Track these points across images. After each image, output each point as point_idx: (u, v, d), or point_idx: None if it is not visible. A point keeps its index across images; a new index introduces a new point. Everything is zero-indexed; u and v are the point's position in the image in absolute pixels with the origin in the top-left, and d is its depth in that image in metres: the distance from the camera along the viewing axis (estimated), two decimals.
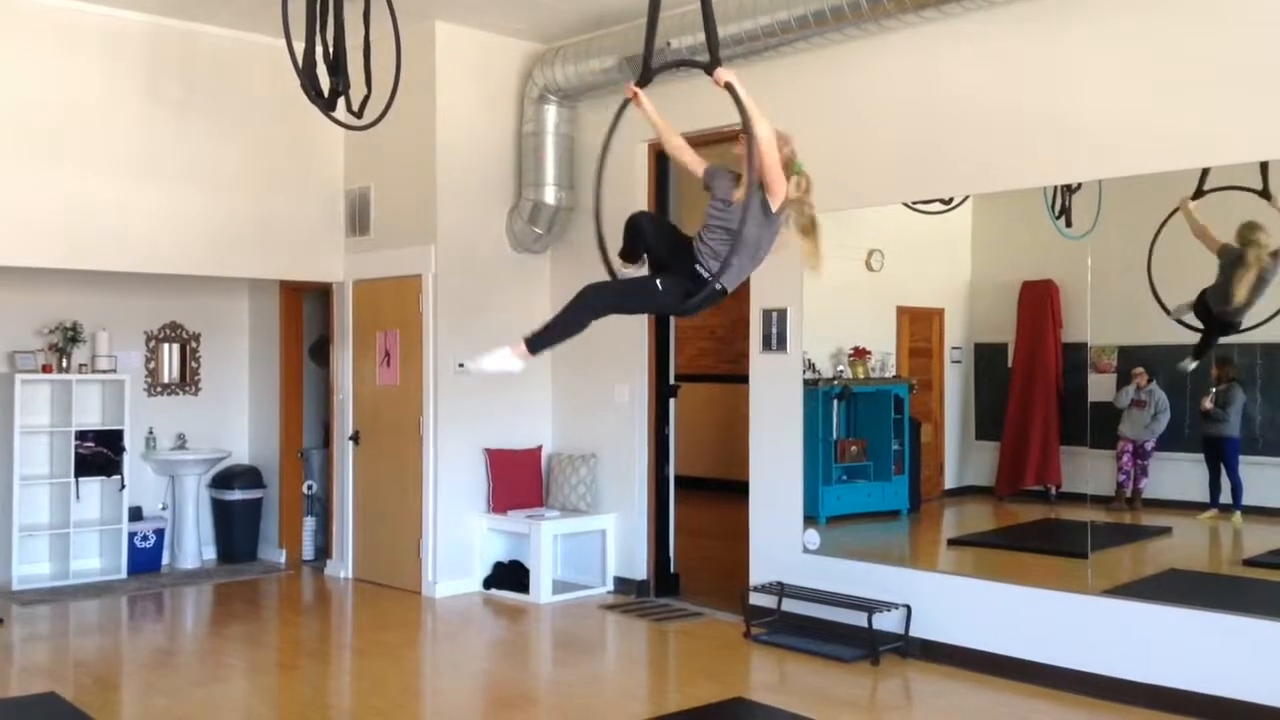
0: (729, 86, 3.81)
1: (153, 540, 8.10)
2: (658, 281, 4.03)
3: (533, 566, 7.22)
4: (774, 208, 3.92)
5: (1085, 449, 5.69)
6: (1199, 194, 5.07)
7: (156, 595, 7.51)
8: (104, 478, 7.81)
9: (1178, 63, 5.01)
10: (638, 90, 4.12)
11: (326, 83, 5.43)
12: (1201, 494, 5.50)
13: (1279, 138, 4.72)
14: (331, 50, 5.40)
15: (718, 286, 3.93)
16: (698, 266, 3.95)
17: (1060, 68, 5.39)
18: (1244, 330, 5.21)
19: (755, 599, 6.43)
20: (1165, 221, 5.23)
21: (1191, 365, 5.37)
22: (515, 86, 7.58)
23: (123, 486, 7.79)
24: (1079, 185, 5.46)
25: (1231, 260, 5.14)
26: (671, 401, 7.46)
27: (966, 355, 6.59)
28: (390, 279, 7.59)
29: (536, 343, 4.04)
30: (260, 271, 7.70)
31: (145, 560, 8.02)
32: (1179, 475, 5.67)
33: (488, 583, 7.46)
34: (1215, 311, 5.25)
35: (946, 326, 6.67)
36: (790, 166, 3.95)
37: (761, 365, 6.62)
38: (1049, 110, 5.42)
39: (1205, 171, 5.03)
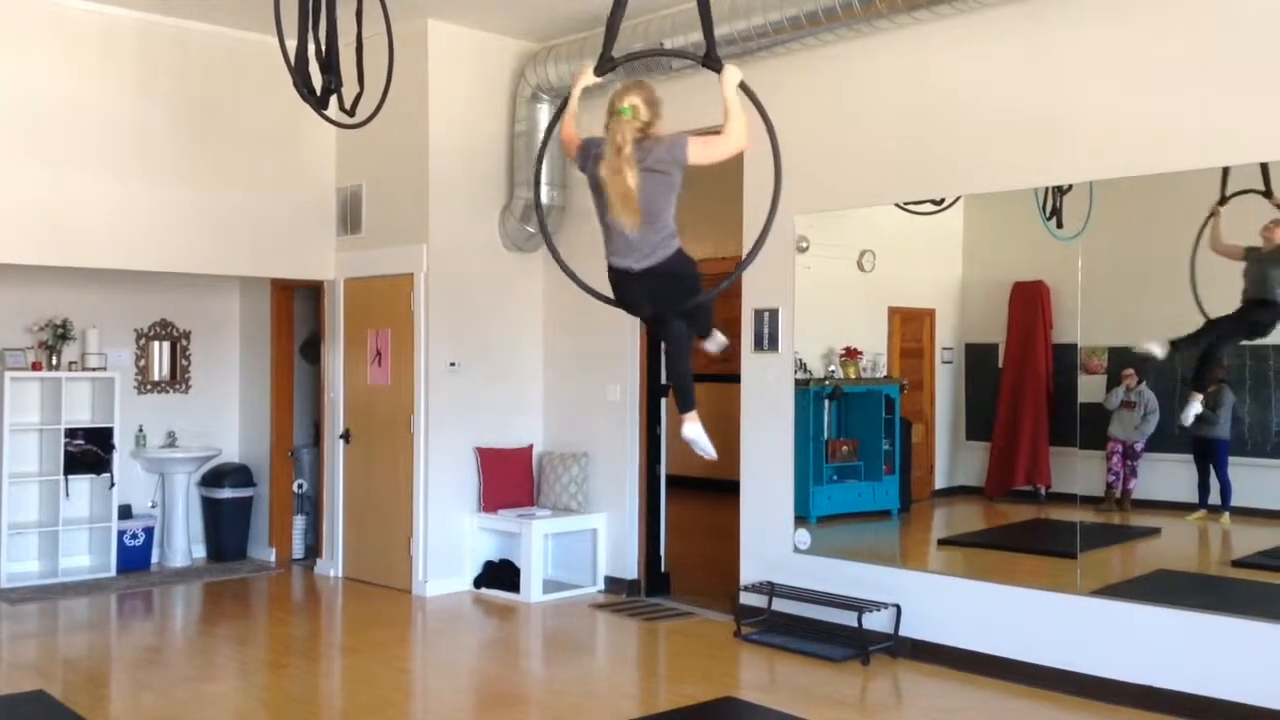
0: (743, 86, 3.63)
1: (142, 538, 8.08)
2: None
3: (523, 566, 7.21)
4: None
5: (1075, 449, 5.71)
6: (1224, 200, 5.05)
7: (146, 593, 7.49)
8: (93, 475, 7.79)
9: (1168, 64, 5.03)
10: (587, 68, 3.94)
11: (319, 81, 5.42)
12: (1190, 495, 5.52)
13: (1272, 138, 4.74)
14: (324, 48, 5.40)
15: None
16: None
17: (1051, 69, 5.40)
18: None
19: (746, 598, 6.44)
20: (1204, 225, 5.15)
21: (1160, 352, 5.32)
22: (508, 85, 7.57)
23: (112, 484, 7.77)
24: (1070, 186, 5.47)
25: (1260, 259, 5.12)
26: (663, 401, 7.46)
27: (957, 356, 6.60)
28: (382, 277, 7.58)
29: (685, 405, 4.05)
30: (252, 269, 7.68)
31: (135, 558, 8.00)
32: (1168, 476, 5.69)
33: (478, 582, 7.45)
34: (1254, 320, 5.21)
35: (938, 327, 6.68)
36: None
37: (753, 365, 6.62)
38: (1040, 111, 5.43)
39: (1226, 173, 4.98)
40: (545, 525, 7.26)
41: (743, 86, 3.63)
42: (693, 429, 4.02)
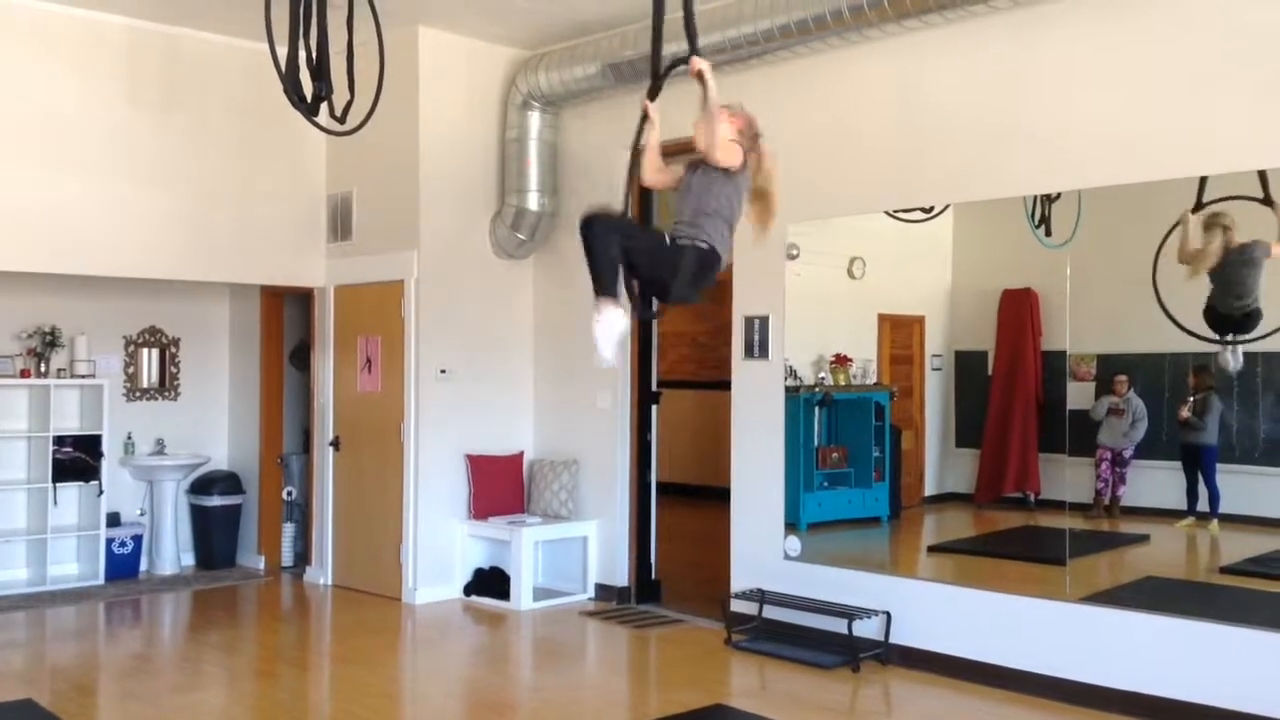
0: (699, 75, 3.81)
1: (130, 546, 8.05)
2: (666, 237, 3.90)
3: (513, 573, 7.20)
4: (730, 166, 3.87)
5: (1064, 456, 5.73)
6: (1199, 206, 5.09)
7: (134, 601, 7.46)
8: (82, 483, 7.75)
9: (1157, 73, 5.05)
10: (649, 105, 3.97)
11: (309, 87, 5.42)
12: (1179, 502, 5.54)
13: (1260, 146, 4.77)
14: (315, 55, 5.40)
15: (702, 244, 3.80)
16: (680, 240, 3.83)
17: (1040, 78, 5.43)
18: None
19: (736, 605, 6.43)
20: (1169, 233, 5.20)
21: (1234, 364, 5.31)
22: (499, 92, 7.58)
23: (101, 492, 7.74)
24: (1058, 194, 5.50)
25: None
26: (653, 408, 7.47)
27: (947, 363, 6.62)
28: (372, 284, 7.57)
29: (603, 289, 3.85)
30: (241, 276, 7.67)
31: (123, 566, 7.97)
32: (1157, 483, 5.71)
33: (468, 589, 7.44)
34: (1225, 313, 5.24)
35: (927, 334, 6.71)
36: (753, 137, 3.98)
37: (743, 372, 6.63)
38: (1029, 120, 5.46)
39: (1203, 182, 5.02)
40: (535, 532, 7.25)
41: (700, 75, 3.81)
42: (608, 327, 3.91)
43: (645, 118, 3.95)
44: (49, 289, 7.69)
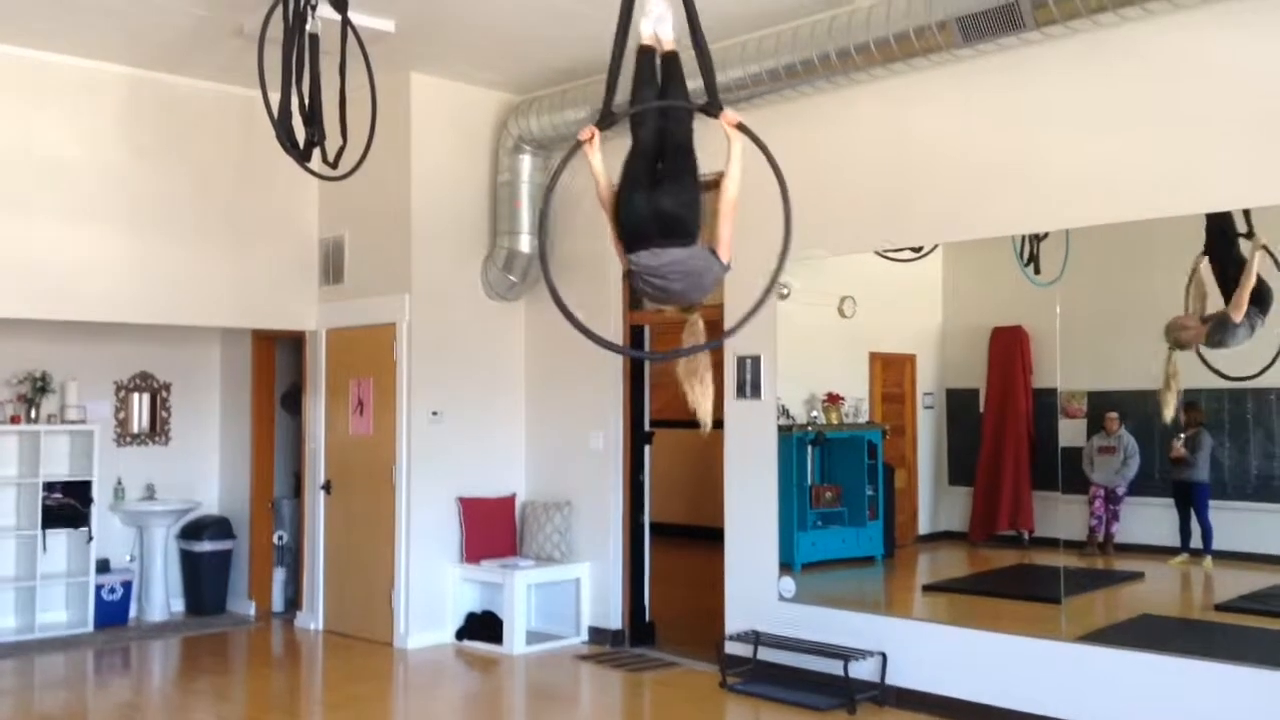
0: (741, 126, 3.81)
1: (120, 592, 7.98)
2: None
3: (506, 617, 7.15)
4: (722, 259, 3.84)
5: (1057, 494, 5.73)
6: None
7: (124, 649, 7.38)
8: (71, 529, 7.70)
9: (1141, 113, 5.11)
10: (595, 132, 3.91)
11: (302, 134, 5.46)
12: (1172, 539, 5.54)
13: (1244, 185, 4.82)
14: (307, 101, 5.44)
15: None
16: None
17: (1026, 119, 5.49)
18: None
19: (731, 648, 6.40)
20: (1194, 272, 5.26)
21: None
22: (490, 136, 7.63)
23: (90, 538, 7.68)
24: (1046, 234, 5.55)
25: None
26: (646, 448, 7.46)
27: (938, 401, 6.63)
28: (364, 327, 7.58)
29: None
30: (233, 320, 7.67)
31: (112, 613, 7.89)
32: (1150, 520, 5.71)
33: (460, 634, 7.38)
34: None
35: (918, 372, 6.72)
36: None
37: (736, 412, 6.63)
38: (1016, 161, 5.51)
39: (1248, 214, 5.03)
40: (528, 575, 7.21)
41: (741, 127, 3.79)
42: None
43: (578, 145, 3.89)
44: (40, 334, 7.68)
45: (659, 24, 4.04)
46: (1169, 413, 5.32)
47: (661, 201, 3.78)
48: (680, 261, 3.74)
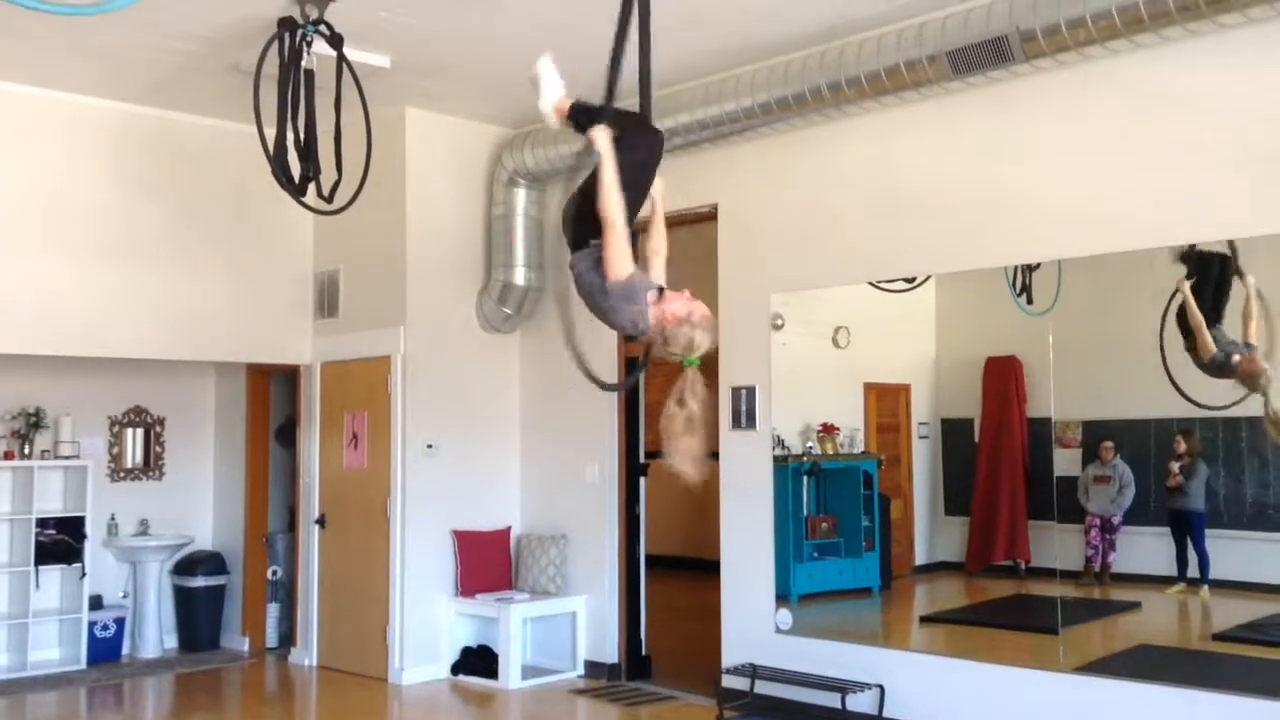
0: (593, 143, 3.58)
1: (113, 629, 7.92)
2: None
3: (501, 651, 7.11)
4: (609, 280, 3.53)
5: (1053, 524, 5.72)
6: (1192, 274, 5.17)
7: (116, 686, 7.32)
8: (64, 566, 7.65)
9: (1130, 145, 5.16)
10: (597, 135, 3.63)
11: (297, 169, 5.49)
12: (1169, 568, 5.53)
13: (1232, 217, 4.86)
14: (303, 136, 5.48)
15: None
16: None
17: (1016, 150, 5.53)
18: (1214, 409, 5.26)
19: (728, 681, 6.36)
20: (1170, 301, 5.28)
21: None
22: (485, 170, 7.67)
23: (83, 575, 7.63)
24: (1038, 264, 5.57)
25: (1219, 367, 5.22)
26: (642, 480, 7.44)
27: (933, 430, 6.63)
28: (359, 360, 7.58)
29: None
30: (228, 355, 7.67)
31: (105, 650, 7.83)
32: (1147, 549, 5.70)
33: (456, 668, 7.33)
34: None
35: (913, 402, 6.72)
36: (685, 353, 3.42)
37: (731, 443, 6.63)
38: (1006, 191, 5.55)
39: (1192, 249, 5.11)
40: (524, 609, 7.17)
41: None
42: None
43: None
44: (33, 370, 7.67)
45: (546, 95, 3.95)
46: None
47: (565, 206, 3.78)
48: (574, 265, 3.66)
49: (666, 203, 3.96)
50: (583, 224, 3.64)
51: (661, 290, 3.51)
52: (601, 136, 3.59)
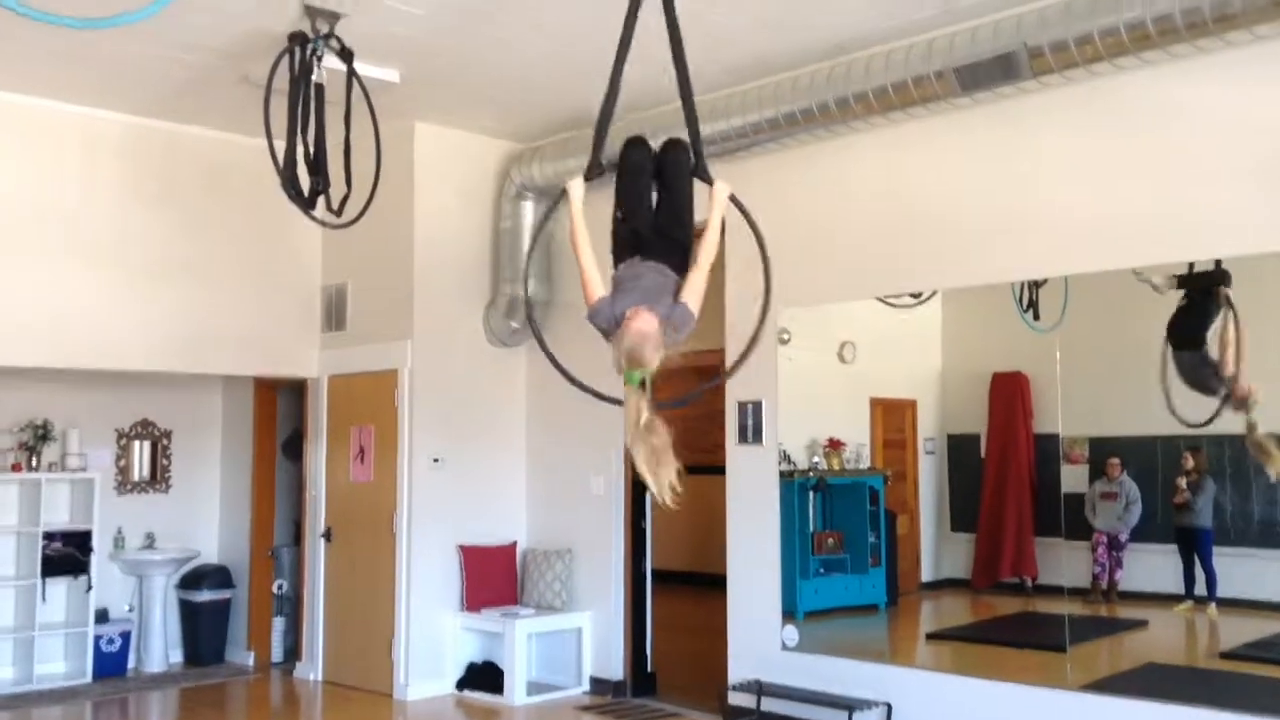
0: (733, 198, 3.91)
1: (119, 643, 7.91)
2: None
3: (507, 667, 7.09)
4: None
5: (1060, 540, 5.71)
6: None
7: (122, 700, 7.31)
8: (71, 579, 7.65)
9: (1138, 160, 5.17)
10: (571, 185, 3.96)
11: (307, 182, 5.51)
12: (1176, 585, 5.51)
13: (1239, 232, 4.86)
14: (312, 150, 5.50)
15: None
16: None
17: (1023, 167, 5.54)
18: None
19: (734, 698, 6.33)
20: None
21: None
22: (493, 184, 7.69)
23: (89, 588, 7.63)
24: (1045, 280, 5.58)
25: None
26: (648, 495, 7.42)
27: (940, 446, 6.62)
28: (366, 374, 7.59)
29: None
30: (236, 368, 7.68)
31: (111, 664, 7.82)
32: (1154, 567, 5.68)
33: (461, 684, 7.32)
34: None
35: (919, 417, 6.71)
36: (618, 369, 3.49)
37: (738, 458, 6.62)
38: (1013, 208, 5.56)
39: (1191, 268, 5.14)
40: (529, 625, 7.16)
41: (733, 199, 3.84)
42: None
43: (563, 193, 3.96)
44: (41, 382, 7.69)
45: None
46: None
47: (661, 222, 3.89)
48: (649, 275, 3.76)
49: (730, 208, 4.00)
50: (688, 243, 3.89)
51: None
52: (575, 185, 3.96)
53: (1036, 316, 5.70)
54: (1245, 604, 5.32)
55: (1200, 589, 5.40)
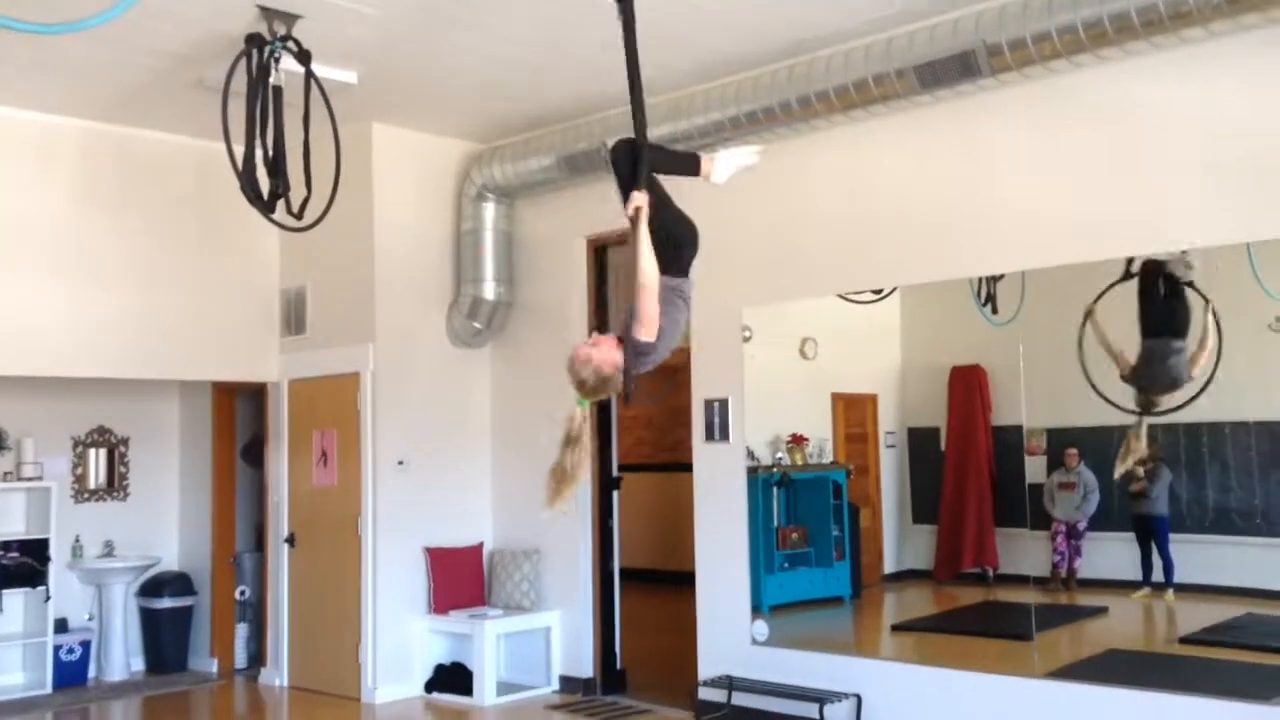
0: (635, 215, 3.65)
1: (79, 652, 7.80)
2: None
3: (475, 668, 7.08)
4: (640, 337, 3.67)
5: (1021, 530, 5.79)
6: (1128, 275, 5.30)
7: (83, 710, 7.22)
8: (28, 589, 7.53)
9: (1091, 157, 5.25)
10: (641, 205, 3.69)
11: (266, 185, 5.46)
12: (1134, 573, 5.62)
13: (1192, 226, 4.96)
14: (271, 153, 5.45)
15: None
16: None
17: (982, 163, 5.62)
18: (1166, 411, 5.37)
19: (704, 693, 6.37)
20: (1086, 316, 5.43)
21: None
22: (453, 185, 7.66)
23: (48, 598, 7.51)
24: (1003, 274, 5.66)
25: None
26: (615, 494, 7.45)
27: (900, 439, 6.69)
28: (327, 377, 7.53)
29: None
30: (193, 373, 7.59)
31: (71, 674, 7.70)
32: (1112, 555, 5.79)
33: (429, 686, 7.29)
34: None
35: (880, 411, 6.78)
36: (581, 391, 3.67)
37: (704, 455, 6.65)
38: (972, 204, 5.63)
39: (1130, 261, 5.25)
40: (497, 625, 7.15)
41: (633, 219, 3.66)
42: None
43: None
44: None
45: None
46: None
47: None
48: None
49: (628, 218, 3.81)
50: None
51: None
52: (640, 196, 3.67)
53: (995, 310, 5.77)
54: (1202, 589, 5.44)
55: (1158, 575, 5.50)
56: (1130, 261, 5.26)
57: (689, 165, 4.10)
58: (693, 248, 3.90)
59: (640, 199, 3.65)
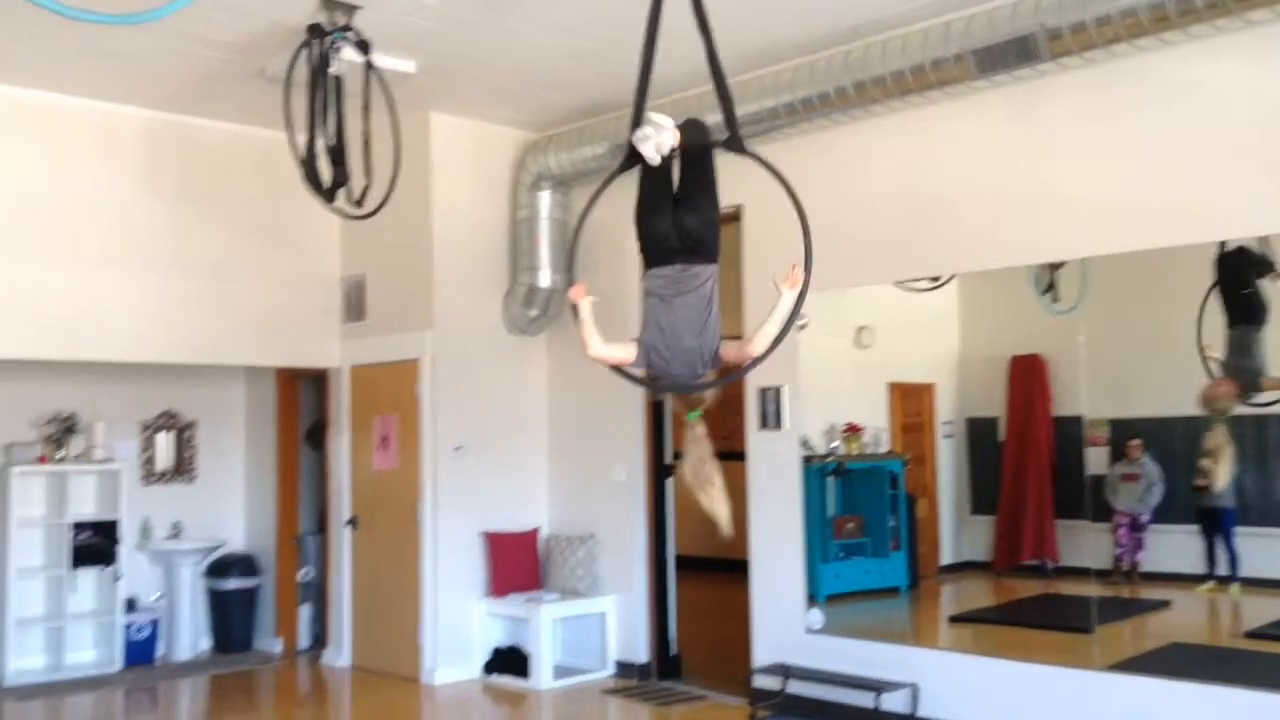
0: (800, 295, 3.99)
1: (148, 631, 8.01)
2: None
3: (533, 651, 7.15)
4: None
5: (1080, 522, 5.72)
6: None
7: (151, 688, 7.41)
8: (99, 568, 7.74)
9: (1154, 141, 5.15)
10: (579, 297, 4.15)
11: (327, 175, 5.55)
12: (1198, 566, 5.53)
13: (1258, 213, 4.85)
14: (332, 142, 5.53)
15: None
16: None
17: (1041, 148, 5.53)
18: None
19: (759, 681, 6.38)
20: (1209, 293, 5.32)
21: None
22: (509, 173, 7.71)
23: (118, 577, 7.72)
24: (1063, 262, 5.57)
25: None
26: (668, 481, 7.47)
27: (958, 430, 6.64)
28: (387, 364, 7.64)
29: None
30: (258, 359, 7.74)
31: (140, 652, 7.92)
32: (1176, 547, 5.70)
33: (488, 668, 7.38)
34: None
35: (937, 401, 6.73)
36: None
37: (759, 443, 6.65)
38: (1031, 190, 5.55)
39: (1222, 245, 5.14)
40: (554, 609, 7.21)
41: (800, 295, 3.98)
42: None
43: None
44: (67, 376, 7.76)
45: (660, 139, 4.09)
46: (1220, 484, 5.33)
47: (685, 220, 3.94)
48: (698, 275, 3.95)
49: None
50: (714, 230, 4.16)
51: None
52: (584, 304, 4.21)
53: (1055, 299, 5.69)
54: (1268, 583, 5.35)
55: (1223, 569, 5.41)
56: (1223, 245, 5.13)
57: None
58: (641, 239, 4.09)
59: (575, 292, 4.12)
